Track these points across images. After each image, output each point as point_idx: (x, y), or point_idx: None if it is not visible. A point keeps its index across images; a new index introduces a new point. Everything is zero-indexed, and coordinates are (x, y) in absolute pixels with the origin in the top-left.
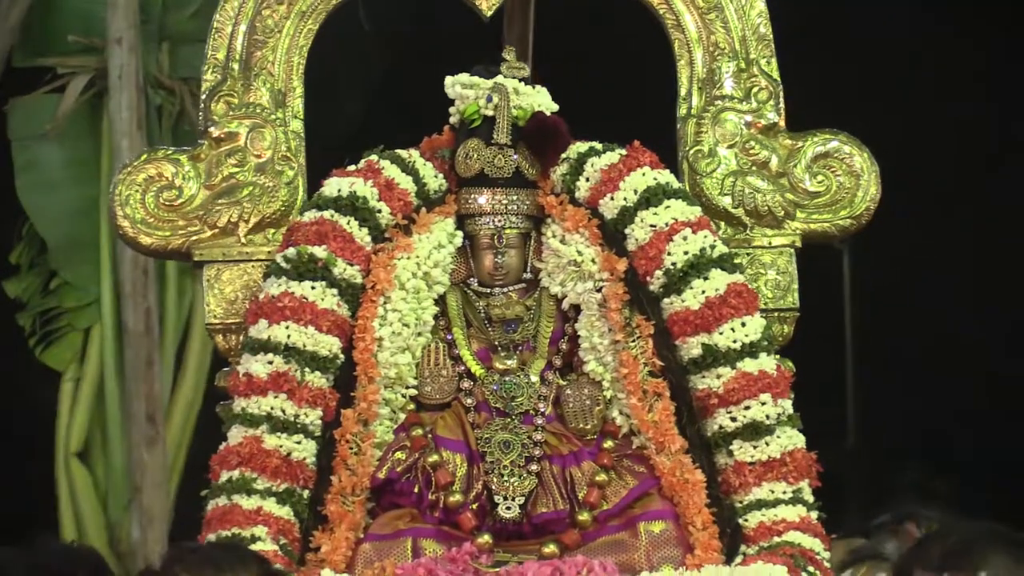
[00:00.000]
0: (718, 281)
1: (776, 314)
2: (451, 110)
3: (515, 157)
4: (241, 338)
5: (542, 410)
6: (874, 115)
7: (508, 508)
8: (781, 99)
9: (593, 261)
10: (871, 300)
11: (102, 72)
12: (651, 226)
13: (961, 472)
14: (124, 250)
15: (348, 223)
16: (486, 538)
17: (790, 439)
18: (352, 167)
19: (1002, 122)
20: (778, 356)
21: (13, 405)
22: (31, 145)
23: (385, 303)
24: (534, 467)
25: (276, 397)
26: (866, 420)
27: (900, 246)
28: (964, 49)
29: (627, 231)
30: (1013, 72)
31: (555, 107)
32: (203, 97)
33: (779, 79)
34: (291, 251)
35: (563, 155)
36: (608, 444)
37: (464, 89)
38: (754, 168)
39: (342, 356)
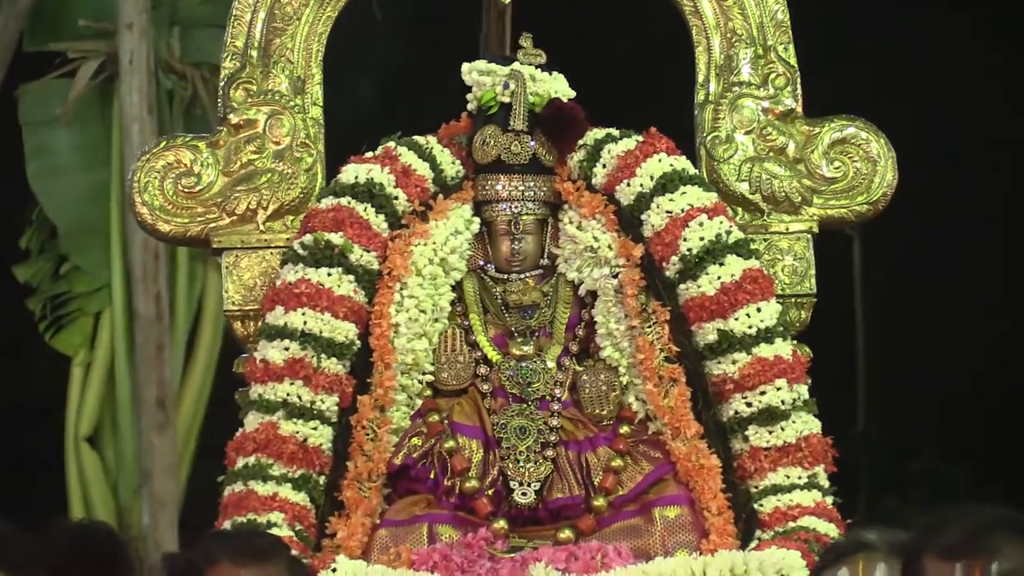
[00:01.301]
0: (734, 267)
1: (793, 300)
2: (468, 96)
3: (532, 143)
4: (259, 324)
5: (558, 396)
6: (884, 103)
7: (524, 494)
8: (798, 85)
9: (609, 247)
10: (882, 286)
11: (113, 57)
12: (667, 212)
13: (972, 458)
14: (134, 235)
15: (365, 210)
16: (502, 524)
17: (805, 424)
18: (369, 154)
19: (1008, 114)
20: (795, 342)
21: (23, 390)
22: (41, 130)
23: (402, 289)
24: (550, 453)
25: (292, 383)
26: (877, 406)
27: (911, 232)
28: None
29: (643, 217)
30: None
31: (572, 94)
32: (222, 84)
33: (796, 65)
34: (308, 238)
35: (580, 142)
36: (624, 430)
37: (481, 76)
38: (771, 154)
39: (358, 342)
